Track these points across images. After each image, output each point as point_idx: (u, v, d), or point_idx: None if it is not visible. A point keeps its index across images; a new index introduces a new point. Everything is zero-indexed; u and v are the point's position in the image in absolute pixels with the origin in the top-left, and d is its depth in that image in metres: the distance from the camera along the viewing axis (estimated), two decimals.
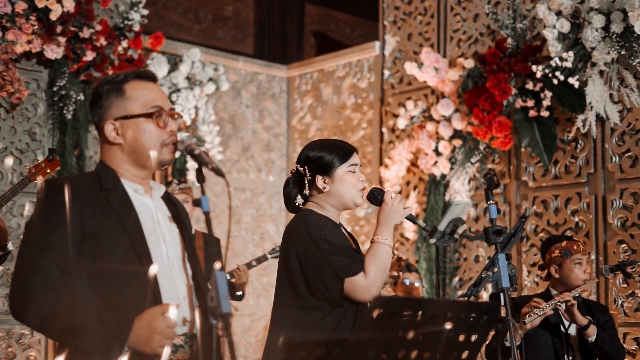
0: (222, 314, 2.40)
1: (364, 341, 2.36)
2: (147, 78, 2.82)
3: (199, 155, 2.63)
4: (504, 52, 6.65)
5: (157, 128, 2.74)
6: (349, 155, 3.36)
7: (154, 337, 2.48)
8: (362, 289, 3.14)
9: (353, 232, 7.85)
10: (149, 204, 2.75)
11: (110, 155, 2.76)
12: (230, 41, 9.19)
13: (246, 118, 8.59)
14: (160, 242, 2.71)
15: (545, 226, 6.64)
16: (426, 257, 7.25)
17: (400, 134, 7.73)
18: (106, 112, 2.74)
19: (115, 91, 2.74)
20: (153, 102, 2.76)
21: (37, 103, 6.78)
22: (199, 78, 7.63)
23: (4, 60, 6.27)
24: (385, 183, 7.64)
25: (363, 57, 8.28)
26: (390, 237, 3.25)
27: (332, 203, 3.35)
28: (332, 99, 8.56)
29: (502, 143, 6.67)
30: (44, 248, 2.55)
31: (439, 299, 6.06)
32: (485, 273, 3.20)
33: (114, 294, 2.57)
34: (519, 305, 4.75)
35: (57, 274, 2.54)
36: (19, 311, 2.55)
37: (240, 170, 8.48)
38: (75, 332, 2.47)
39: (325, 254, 3.17)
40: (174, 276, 2.70)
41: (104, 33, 6.79)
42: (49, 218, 2.59)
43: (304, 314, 3.21)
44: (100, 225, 2.61)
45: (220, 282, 2.44)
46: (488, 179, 3.29)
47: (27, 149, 6.69)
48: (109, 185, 2.68)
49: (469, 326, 2.60)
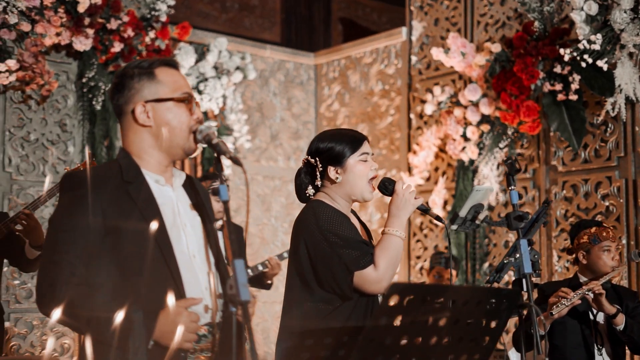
0: (241, 302, 2.41)
1: (381, 328, 2.36)
2: (173, 66, 2.83)
3: (217, 144, 2.63)
4: (532, 36, 6.59)
5: (187, 114, 2.74)
6: (359, 144, 3.32)
7: (179, 332, 2.49)
8: (372, 282, 3.11)
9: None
10: (169, 195, 2.74)
11: (137, 140, 2.74)
12: (257, 30, 9.20)
13: (274, 106, 8.61)
14: (181, 233, 2.70)
15: (575, 211, 6.59)
16: (456, 243, 7.23)
17: (428, 120, 7.70)
18: (136, 95, 2.72)
19: (146, 74, 2.73)
20: (184, 88, 2.77)
21: (67, 95, 6.85)
22: (226, 67, 7.65)
23: (34, 53, 6.34)
24: (414, 169, 7.62)
25: (390, 43, 8.25)
26: (401, 229, 3.20)
27: (342, 194, 3.31)
28: (360, 85, 8.54)
29: (531, 127, 6.62)
30: (68, 243, 2.56)
31: (457, 285, 6.06)
32: (507, 259, 3.18)
33: (137, 287, 2.57)
34: (547, 292, 4.72)
35: (81, 268, 2.55)
36: (45, 305, 2.56)
37: (269, 158, 8.51)
38: (100, 326, 2.49)
39: (334, 248, 3.14)
40: (194, 267, 2.69)
41: (132, 24, 6.83)
42: (71, 213, 2.59)
43: (314, 307, 3.19)
44: (121, 218, 2.60)
45: (239, 270, 2.44)
46: (509, 164, 3.26)
47: (58, 140, 6.77)
48: (130, 177, 2.67)
49: (489, 312, 2.59)
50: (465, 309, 2.53)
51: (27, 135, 6.63)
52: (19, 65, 6.31)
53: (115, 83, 2.78)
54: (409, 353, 2.48)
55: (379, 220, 8.27)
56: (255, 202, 8.37)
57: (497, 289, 2.69)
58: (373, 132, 8.37)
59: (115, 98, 2.77)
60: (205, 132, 2.70)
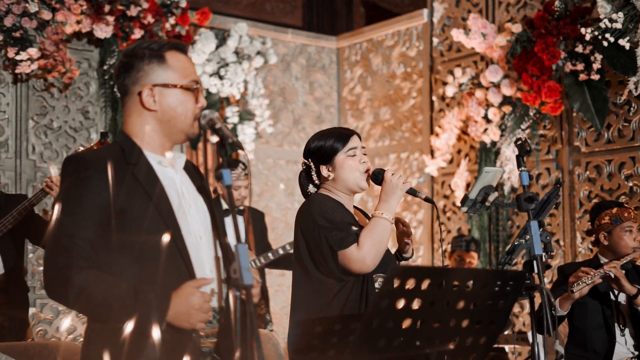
0: (244, 286, 2.42)
1: (383, 311, 2.36)
2: (183, 51, 2.82)
3: (219, 129, 2.62)
4: (553, 15, 6.51)
5: (193, 101, 2.74)
6: (346, 139, 3.41)
7: (193, 313, 2.49)
8: (354, 260, 3.19)
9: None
10: (172, 176, 2.74)
11: (140, 123, 2.72)
12: (279, 14, 9.18)
13: (296, 90, 8.60)
14: (187, 215, 2.69)
15: (598, 192, 6.52)
16: (479, 225, 7.19)
17: (450, 102, 7.66)
18: (145, 77, 2.70)
19: (156, 57, 2.70)
20: (192, 75, 2.75)
21: (89, 82, 6.90)
22: (247, 52, 7.65)
23: (55, 41, 6.39)
24: (436, 152, 7.59)
25: (411, 25, 8.19)
26: (388, 212, 3.28)
27: (339, 189, 3.41)
28: (382, 68, 8.51)
29: (552, 108, 6.55)
30: (74, 226, 2.54)
31: (461, 267, 6.03)
32: (518, 241, 3.16)
33: (147, 269, 2.56)
34: (567, 273, 4.68)
35: (88, 251, 2.54)
36: (54, 290, 2.54)
37: (291, 142, 8.51)
38: (112, 309, 2.48)
39: (322, 230, 3.24)
40: (200, 249, 2.69)
41: (152, 10, 6.86)
42: (76, 196, 2.57)
43: (315, 294, 3.27)
44: (127, 200, 2.59)
45: (242, 254, 2.45)
46: (519, 145, 3.23)
47: (81, 127, 6.83)
48: (133, 159, 2.65)
49: (495, 294, 2.58)
50: (470, 291, 2.52)
51: (50, 123, 6.69)
52: (41, 54, 6.37)
53: (123, 62, 2.74)
54: (412, 336, 2.47)
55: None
56: (278, 187, 8.38)
57: (502, 271, 2.68)
58: (395, 115, 8.34)
59: (121, 77, 2.74)
60: (208, 116, 2.69)
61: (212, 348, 2.67)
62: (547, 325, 3.02)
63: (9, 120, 6.50)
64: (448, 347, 2.59)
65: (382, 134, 8.45)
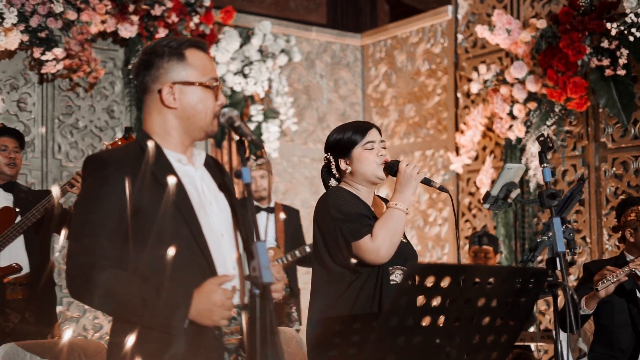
0: (263, 284, 2.42)
1: (402, 309, 2.34)
2: (202, 48, 2.82)
3: (239, 127, 2.63)
4: (578, 11, 6.45)
5: (213, 99, 2.74)
6: (364, 132, 3.40)
7: (215, 310, 2.49)
8: (368, 251, 3.19)
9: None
10: (192, 174, 2.74)
11: (160, 121, 2.72)
12: (303, 12, 9.19)
13: (321, 88, 8.60)
14: (207, 212, 2.69)
15: (625, 188, 6.46)
16: (504, 222, 7.15)
17: (475, 98, 7.61)
18: (165, 75, 2.69)
19: (176, 55, 2.70)
20: (212, 73, 2.75)
21: (114, 81, 6.95)
22: (271, 50, 7.66)
23: (80, 41, 6.44)
24: (461, 149, 7.55)
25: (436, 22, 8.16)
26: (403, 202, 3.28)
27: (358, 181, 3.42)
28: (406, 65, 8.48)
29: (578, 104, 6.49)
30: (96, 225, 2.55)
31: (480, 264, 5.99)
32: (540, 238, 3.13)
33: (168, 267, 2.55)
34: (593, 270, 4.63)
35: (110, 250, 2.54)
36: (77, 290, 2.55)
37: (316, 140, 8.51)
38: (135, 308, 2.49)
39: (337, 222, 3.25)
40: (222, 246, 2.69)
41: (176, 10, 6.89)
42: (97, 195, 2.58)
43: (330, 285, 3.28)
44: (147, 199, 2.59)
45: (261, 252, 2.45)
46: (541, 142, 3.20)
47: (107, 127, 6.87)
48: (152, 158, 2.65)
49: (516, 292, 2.56)
50: (491, 289, 2.50)
51: (76, 122, 6.74)
52: (66, 54, 6.42)
53: (142, 60, 2.73)
54: (432, 334, 2.46)
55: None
56: (303, 185, 8.39)
57: (523, 268, 2.65)
58: (420, 112, 8.31)
59: (141, 75, 2.74)
60: (227, 114, 2.69)
61: (237, 345, 2.66)
62: (569, 322, 2.99)
63: (35, 120, 6.55)
64: (469, 345, 2.57)
65: (407, 131, 8.43)
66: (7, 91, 6.42)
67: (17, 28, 6.10)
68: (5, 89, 6.41)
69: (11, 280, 5.00)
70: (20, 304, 5.07)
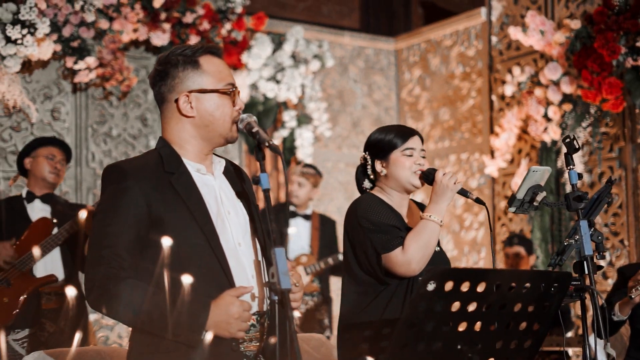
0: (281, 290, 2.41)
1: (421, 314, 2.31)
2: (217, 54, 2.81)
3: (257, 132, 2.62)
4: (613, 10, 6.34)
5: (230, 105, 2.73)
6: (406, 138, 3.35)
7: (232, 322, 2.49)
8: (399, 264, 3.14)
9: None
10: (211, 183, 2.74)
11: (178, 130, 2.72)
12: (336, 17, 9.17)
13: (354, 93, 8.57)
14: (225, 222, 2.68)
15: None
16: (540, 226, 7.06)
17: (510, 101, 7.53)
18: (180, 84, 2.69)
19: (190, 63, 2.70)
20: (228, 79, 2.74)
21: (147, 89, 6.98)
22: (303, 56, 7.64)
23: (112, 49, 6.49)
24: (496, 152, 7.47)
25: (470, 24, 8.09)
26: (437, 214, 3.22)
27: (392, 186, 3.37)
28: (441, 69, 8.42)
29: (614, 105, 6.38)
30: (115, 236, 2.55)
31: (502, 269, 5.91)
32: (567, 241, 3.07)
33: (186, 279, 2.53)
34: (627, 274, 4.54)
35: (128, 261, 2.55)
36: (95, 301, 2.56)
37: (350, 145, 8.48)
38: (153, 319, 2.49)
39: (367, 233, 3.21)
40: (240, 255, 2.68)
41: (207, 17, 6.91)
42: (115, 205, 2.59)
43: (359, 295, 3.24)
44: (166, 210, 2.59)
45: (279, 258, 2.44)
46: (567, 143, 3.14)
47: (140, 134, 6.91)
48: (171, 168, 2.66)
49: (539, 296, 2.51)
50: (513, 293, 2.46)
51: (110, 130, 6.79)
52: (99, 63, 6.47)
53: (158, 70, 2.74)
54: (454, 339, 2.42)
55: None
56: (338, 190, 8.36)
57: (546, 272, 2.60)
58: (455, 115, 8.24)
59: (157, 85, 2.74)
60: (246, 120, 2.69)
61: (256, 352, 2.65)
62: (597, 327, 2.93)
63: (68, 129, 6.61)
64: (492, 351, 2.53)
65: (442, 135, 8.36)
66: (41, 101, 6.49)
67: (50, 38, 6.16)
68: (39, 99, 6.48)
69: (46, 289, 5.05)
70: (55, 313, 5.10)
